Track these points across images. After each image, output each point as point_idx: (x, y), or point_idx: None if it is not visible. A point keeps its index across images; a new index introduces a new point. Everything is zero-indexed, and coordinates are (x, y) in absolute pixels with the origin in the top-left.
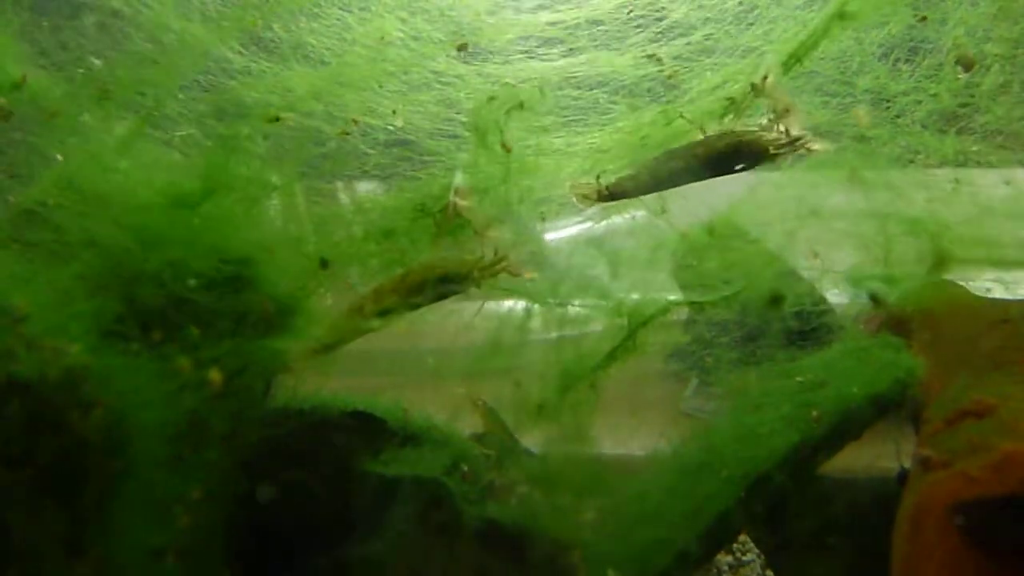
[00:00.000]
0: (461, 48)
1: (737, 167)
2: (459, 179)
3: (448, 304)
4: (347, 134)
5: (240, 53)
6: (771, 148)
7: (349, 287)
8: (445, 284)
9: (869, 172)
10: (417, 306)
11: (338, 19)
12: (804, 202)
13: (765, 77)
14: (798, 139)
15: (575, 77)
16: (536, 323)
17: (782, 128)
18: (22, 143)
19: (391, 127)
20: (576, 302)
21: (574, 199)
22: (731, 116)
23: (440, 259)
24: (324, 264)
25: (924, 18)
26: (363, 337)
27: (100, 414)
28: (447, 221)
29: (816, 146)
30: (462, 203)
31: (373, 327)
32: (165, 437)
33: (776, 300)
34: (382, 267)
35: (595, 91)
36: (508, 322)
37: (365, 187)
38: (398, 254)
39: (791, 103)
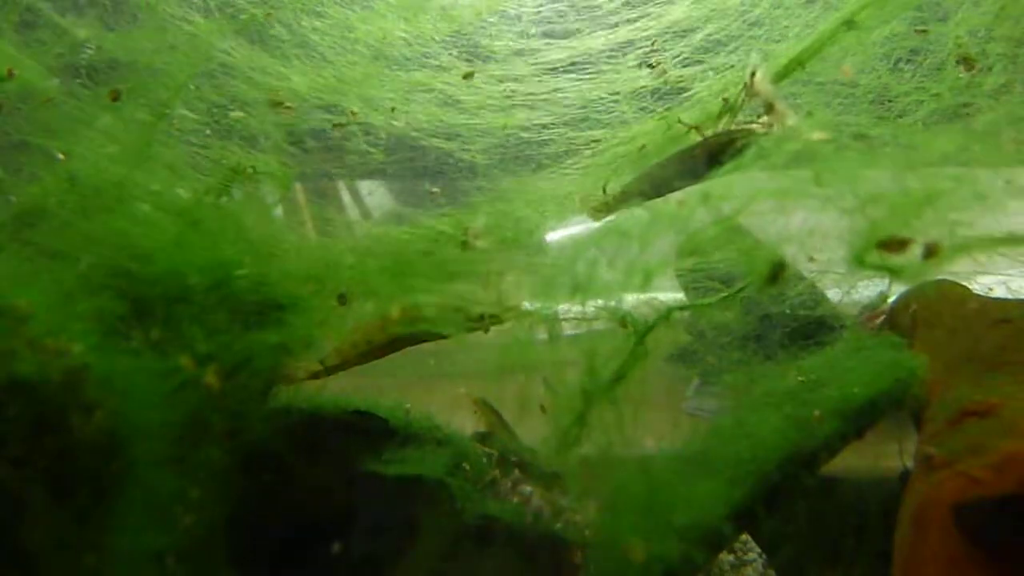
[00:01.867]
0: (467, 77)
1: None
2: (479, 223)
3: None
4: (344, 125)
5: (242, 51)
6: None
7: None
8: (454, 323)
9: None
10: (423, 340)
11: (341, 18)
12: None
13: (753, 74)
14: (789, 129)
15: (575, 76)
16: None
17: (771, 121)
18: (23, 142)
19: (390, 129)
20: (579, 305)
21: (586, 213)
22: (727, 117)
23: (452, 299)
24: (343, 300)
25: (924, 31)
26: None
27: (102, 414)
28: (462, 259)
29: (816, 136)
30: (479, 243)
31: (380, 355)
32: (166, 437)
33: (775, 274)
34: (394, 297)
35: (597, 92)
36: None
37: (367, 186)
38: (411, 287)
39: (778, 98)
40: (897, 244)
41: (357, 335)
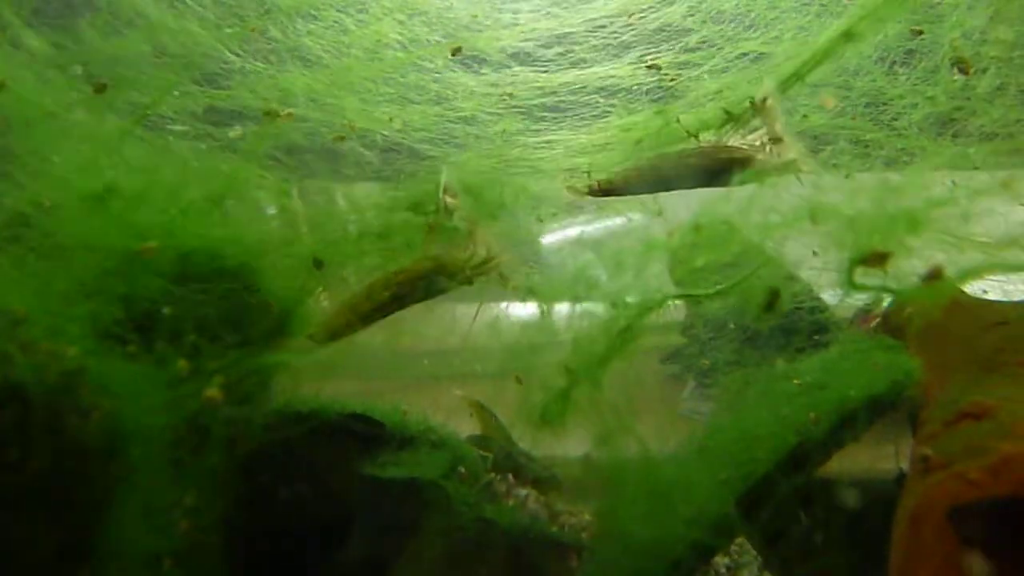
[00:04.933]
0: (455, 52)
1: (726, 182)
2: (446, 177)
3: (446, 306)
4: (343, 138)
5: (237, 55)
6: (759, 167)
7: (344, 284)
8: (436, 281)
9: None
10: (409, 303)
11: (335, 21)
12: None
13: (764, 100)
14: (789, 164)
15: (573, 81)
16: (534, 324)
17: (775, 151)
18: (17, 145)
19: (386, 133)
20: (574, 302)
21: (565, 192)
22: (728, 129)
23: (432, 257)
24: (319, 264)
25: (920, 32)
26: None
27: (98, 418)
28: (439, 220)
29: (807, 169)
30: (452, 200)
31: (366, 324)
32: (164, 441)
33: (772, 303)
34: (376, 265)
35: (593, 95)
36: (506, 324)
37: (363, 189)
38: (392, 252)
39: (783, 130)
40: (877, 258)
41: (342, 308)
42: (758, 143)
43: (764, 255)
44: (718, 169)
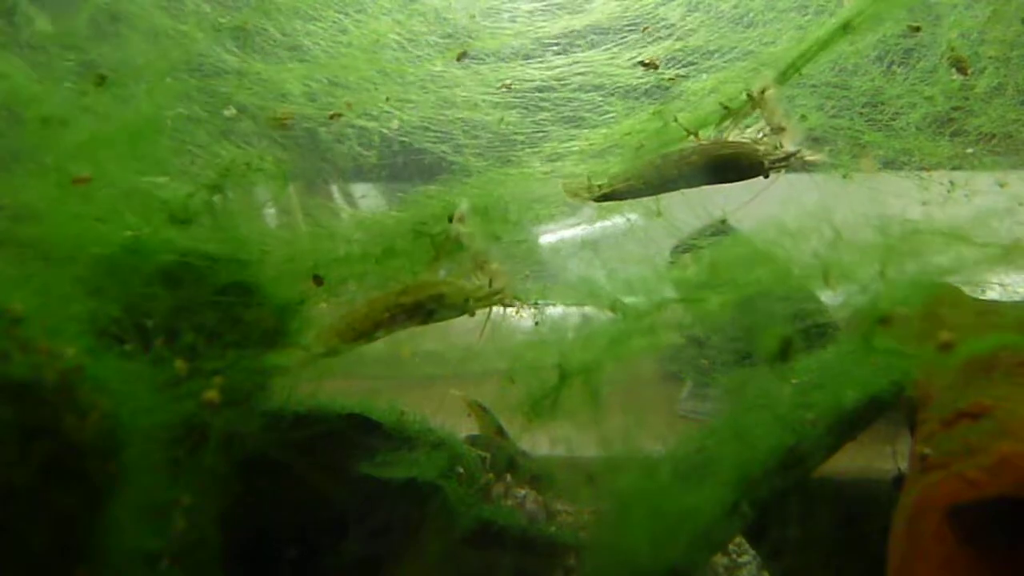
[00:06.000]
0: (460, 57)
1: (731, 178)
2: (463, 207)
3: None
4: (340, 115)
5: (235, 54)
6: (766, 162)
7: (344, 289)
8: (438, 308)
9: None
10: (408, 326)
11: (334, 21)
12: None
13: (763, 91)
14: (793, 154)
15: (571, 80)
16: (534, 326)
17: (777, 143)
18: (15, 143)
19: (385, 129)
20: (572, 304)
21: (566, 196)
22: (727, 124)
23: (436, 283)
24: (319, 281)
25: (918, 28)
26: None
27: (96, 417)
28: (446, 246)
29: (812, 157)
30: (463, 230)
31: (364, 340)
32: (161, 441)
33: (785, 351)
34: (379, 283)
35: (591, 93)
36: (506, 325)
37: (361, 189)
38: (395, 272)
39: (786, 120)
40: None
41: (339, 323)
42: (760, 136)
43: (763, 255)
44: (721, 166)
